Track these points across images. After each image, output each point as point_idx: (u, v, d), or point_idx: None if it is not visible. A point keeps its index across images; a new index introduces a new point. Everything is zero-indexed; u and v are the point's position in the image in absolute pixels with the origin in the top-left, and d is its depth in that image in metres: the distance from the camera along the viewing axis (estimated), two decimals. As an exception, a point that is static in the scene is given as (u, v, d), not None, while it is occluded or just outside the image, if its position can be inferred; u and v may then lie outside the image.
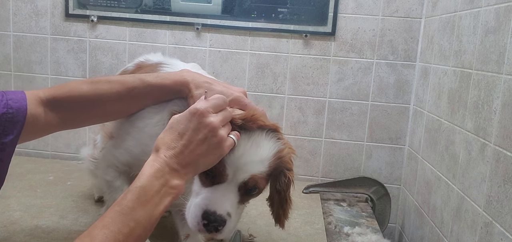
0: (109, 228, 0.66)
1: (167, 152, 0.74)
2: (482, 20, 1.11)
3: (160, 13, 1.65)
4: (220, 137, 0.77)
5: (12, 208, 1.23)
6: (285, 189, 0.89)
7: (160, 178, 0.72)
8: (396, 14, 1.60)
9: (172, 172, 0.73)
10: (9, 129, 0.83)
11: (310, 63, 1.65)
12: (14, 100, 0.85)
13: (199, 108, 0.76)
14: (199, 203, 0.82)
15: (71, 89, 0.92)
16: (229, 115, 0.82)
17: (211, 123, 0.76)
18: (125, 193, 0.70)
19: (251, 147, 0.82)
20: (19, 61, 1.73)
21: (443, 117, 1.33)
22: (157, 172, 0.72)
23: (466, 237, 1.11)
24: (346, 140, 1.69)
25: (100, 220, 0.67)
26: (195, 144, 0.75)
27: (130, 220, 0.67)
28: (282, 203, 0.92)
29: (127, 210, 0.68)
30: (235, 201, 0.83)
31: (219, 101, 0.80)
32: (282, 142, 0.87)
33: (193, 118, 0.76)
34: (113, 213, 0.68)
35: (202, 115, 0.76)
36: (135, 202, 0.69)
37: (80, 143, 1.75)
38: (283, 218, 0.94)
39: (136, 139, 0.96)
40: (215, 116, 0.77)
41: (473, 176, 1.09)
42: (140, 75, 0.93)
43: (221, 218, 0.80)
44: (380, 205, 1.61)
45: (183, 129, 0.76)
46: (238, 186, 0.83)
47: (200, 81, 0.90)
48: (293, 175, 0.89)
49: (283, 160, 0.86)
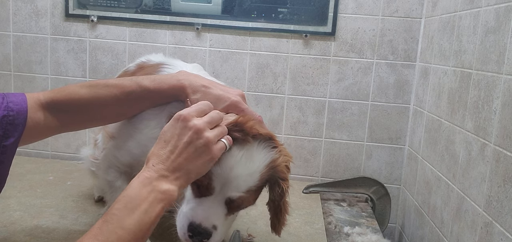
0: (97, 238, 0.66)
1: (154, 160, 0.75)
2: (482, 20, 1.11)
3: (160, 13, 1.65)
4: (206, 138, 0.76)
5: (12, 208, 1.23)
6: (279, 199, 0.88)
7: (148, 185, 0.72)
8: (396, 14, 1.60)
9: (160, 178, 0.73)
10: (10, 131, 0.83)
11: (310, 63, 1.65)
12: (14, 103, 0.85)
13: (182, 113, 0.77)
14: (186, 213, 0.82)
15: (70, 92, 0.92)
16: (217, 117, 0.80)
17: (194, 125, 0.76)
18: (113, 203, 0.71)
19: (241, 159, 0.81)
20: (19, 61, 1.73)
21: (443, 117, 1.33)
22: (145, 180, 0.72)
23: (466, 237, 1.11)
24: (346, 140, 1.69)
25: (90, 231, 0.68)
26: (181, 148, 0.75)
27: (117, 228, 0.67)
28: (276, 212, 0.91)
29: (113, 218, 0.68)
30: (222, 214, 0.83)
31: (202, 106, 0.80)
32: (276, 150, 0.85)
33: (177, 124, 0.76)
34: (101, 223, 0.68)
35: (185, 119, 0.76)
36: (122, 211, 0.69)
37: (80, 143, 1.75)
38: (278, 227, 0.93)
39: (137, 140, 0.96)
40: (199, 119, 0.77)
41: (473, 176, 1.09)
42: (137, 79, 0.93)
43: (206, 231, 0.81)
44: (380, 205, 1.61)
45: (169, 136, 0.76)
46: (225, 200, 0.82)
47: (197, 85, 0.90)
48: (288, 185, 0.87)
49: (277, 170, 0.85)
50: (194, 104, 0.80)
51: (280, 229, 0.94)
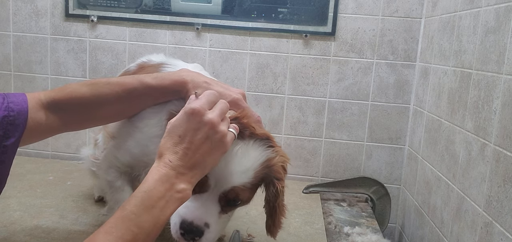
0: (111, 234, 0.65)
1: (171, 156, 0.73)
2: (482, 20, 1.11)
3: (160, 13, 1.65)
4: (222, 132, 0.76)
5: (12, 208, 1.23)
6: (274, 199, 0.87)
7: (166, 182, 0.71)
8: (396, 14, 1.60)
9: (178, 176, 0.72)
10: (10, 131, 0.83)
11: (310, 63, 1.65)
12: (15, 103, 0.85)
13: (195, 107, 0.75)
14: (178, 211, 0.81)
15: (71, 91, 0.91)
16: (225, 107, 0.80)
17: (210, 120, 0.75)
18: (129, 198, 0.69)
19: (236, 156, 0.81)
20: (19, 61, 1.73)
21: (443, 117, 1.33)
22: (163, 177, 0.71)
23: (466, 237, 1.11)
24: (346, 140, 1.69)
25: (104, 226, 0.67)
26: (197, 144, 0.74)
27: (133, 226, 0.66)
28: (271, 213, 0.90)
29: (130, 215, 0.67)
30: (215, 212, 0.82)
31: (211, 96, 0.79)
32: (272, 150, 0.84)
33: (191, 119, 0.75)
34: (116, 219, 0.67)
35: (200, 114, 0.75)
36: (139, 207, 0.68)
37: (80, 143, 1.75)
38: (273, 229, 0.92)
39: (136, 139, 0.95)
40: (212, 112, 0.76)
41: (473, 176, 1.09)
42: (139, 77, 0.93)
43: (198, 228, 0.80)
44: (380, 205, 1.61)
45: (183, 131, 0.75)
46: (218, 197, 0.82)
47: (199, 81, 0.89)
48: (283, 185, 0.86)
49: (272, 169, 0.84)
50: (202, 96, 0.78)
51: (275, 232, 0.93)
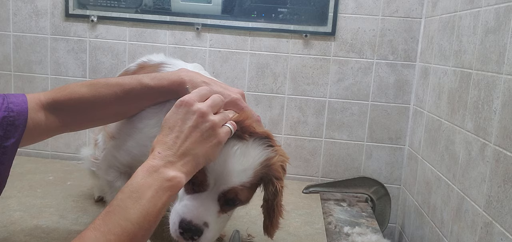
0: (99, 230, 0.64)
1: (160, 148, 0.73)
2: (482, 20, 1.11)
3: (160, 13, 1.65)
4: (212, 121, 0.75)
5: (12, 208, 1.23)
6: (272, 198, 0.87)
7: (153, 172, 0.70)
8: (396, 14, 1.60)
9: (167, 165, 0.71)
10: (10, 132, 0.83)
11: (310, 63, 1.65)
12: (15, 104, 0.85)
13: (184, 98, 0.76)
14: (178, 210, 0.82)
15: (71, 92, 0.91)
16: (219, 100, 0.80)
17: (198, 109, 0.75)
18: (117, 194, 0.69)
19: (235, 155, 0.80)
20: (19, 61, 1.73)
21: (443, 117, 1.33)
22: (150, 168, 0.70)
23: (466, 237, 1.11)
24: (346, 140, 1.69)
25: (93, 222, 0.66)
26: (186, 132, 0.74)
27: (121, 219, 0.65)
28: (269, 213, 0.90)
29: (117, 209, 0.66)
30: (214, 211, 0.82)
31: (203, 91, 0.79)
32: (272, 149, 0.84)
33: (179, 110, 0.76)
34: (104, 214, 0.66)
35: (188, 104, 0.75)
36: (126, 200, 0.67)
37: (80, 143, 1.75)
38: (271, 228, 0.91)
39: (136, 139, 0.96)
40: (202, 103, 0.77)
41: (473, 176, 1.09)
42: (138, 77, 0.93)
43: (197, 227, 0.80)
44: (380, 205, 1.61)
45: (172, 123, 0.75)
46: (218, 196, 0.82)
47: (198, 81, 0.89)
48: (282, 184, 0.86)
49: (272, 168, 0.84)
50: (194, 90, 0.79)
51: (272, 232, 0.92)
